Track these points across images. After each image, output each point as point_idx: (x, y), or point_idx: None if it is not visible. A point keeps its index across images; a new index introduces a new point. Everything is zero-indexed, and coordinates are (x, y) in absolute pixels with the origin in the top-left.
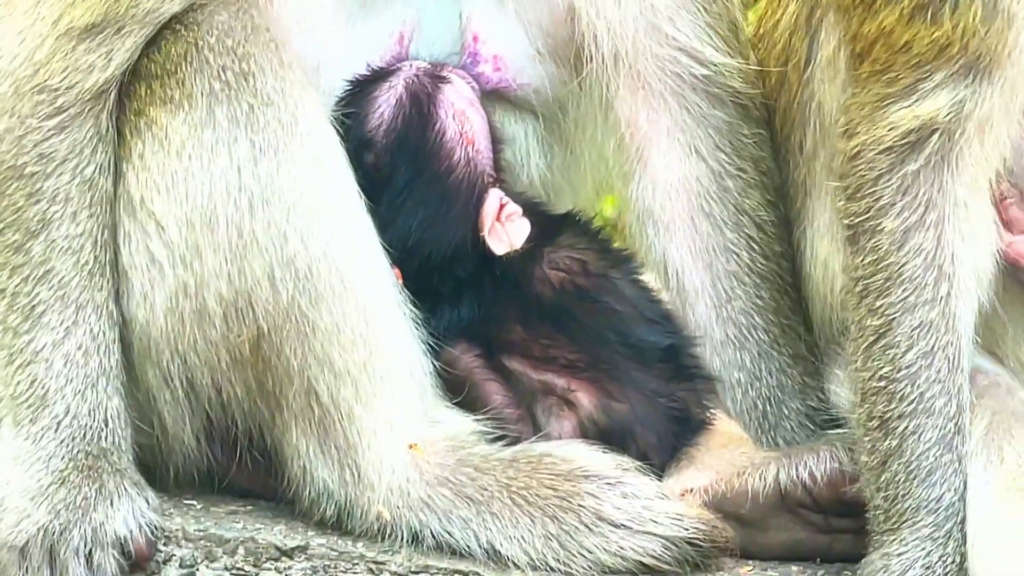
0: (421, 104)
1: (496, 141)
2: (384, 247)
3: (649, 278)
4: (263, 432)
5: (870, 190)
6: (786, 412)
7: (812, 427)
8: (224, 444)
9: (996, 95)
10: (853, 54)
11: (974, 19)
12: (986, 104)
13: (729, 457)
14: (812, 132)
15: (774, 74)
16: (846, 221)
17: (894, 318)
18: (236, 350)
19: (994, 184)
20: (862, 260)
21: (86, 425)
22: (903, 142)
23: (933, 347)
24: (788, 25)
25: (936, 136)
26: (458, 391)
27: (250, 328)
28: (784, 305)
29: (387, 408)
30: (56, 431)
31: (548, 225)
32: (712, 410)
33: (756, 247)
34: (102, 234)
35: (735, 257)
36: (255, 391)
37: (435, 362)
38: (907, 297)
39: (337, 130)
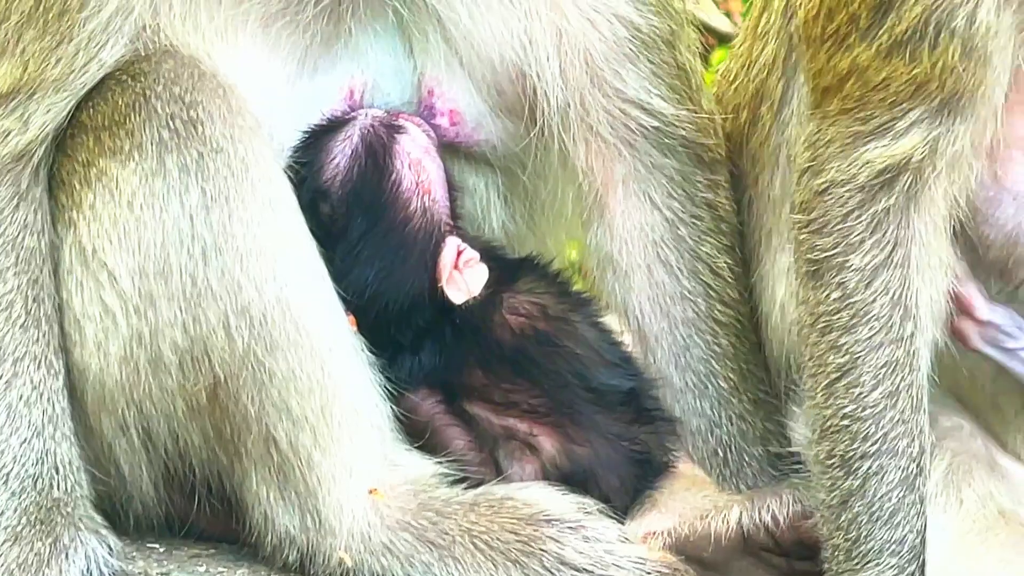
0: (377, 154)
1: (452, 188)
2: (340, 294)
3: (612, 321)
4: (222, 479)
5: (839, 227)
6: (747, 458)
7: (774, 472)
8: (183, 491)
9: (968, 133)
10: (819, 89)
11: (953, 56)
12: (958, 142)
13: (691, 500)
14: (782, 176)
15: (745, 114)
16: (810, 256)
17: (859, 356)
18: (193, 398)
19: (953, 222)
20: (826, 295)
21: (35, 474)
22: (876, 180)
23: (898, 386)
24: (765, 65)
25: (908, 174)
26: (420, 436)
27: (206, 376)
28: (743, 351)
29: (346, 453)
30: (5, 483)
31: (507, 270)
32: (674, 453)
33: (713, 294)
34: (32, 288)
35: (692, 305)
36: (213, 439)
37: (396, 408)
38: (873, 335)
39: (289, 176)
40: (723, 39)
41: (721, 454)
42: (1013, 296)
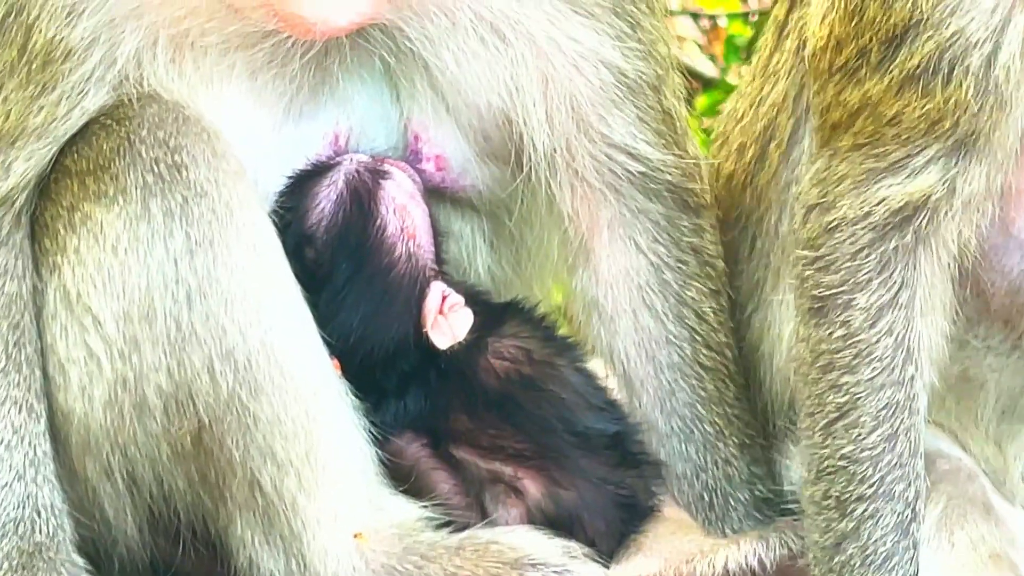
0: (362, 199)
1: (437, 233)
2: (325, 339)
3: (597, 365)
4: (207, 523)
5: (847, 264)
6: (733, 503)
7: (760, 516)
8: (168, 535)
9: (984, 174)
10: (828, 124)
11: (966, 94)
12: (975, 182)
13: (677, 544)
14: (790, 214)
15: (751, 151)
16: (815, 293)
17: (860, 397)
18: (177, 443)
19: (958, 266)
20: (829, 334)
21: (17, 518)
22: (891, 219)
23: (897, 430)
24: (775, 104)
25: (925, 213)
26: (405, 480)
27: (191, 420)
28: (729, 395)
29: (331, 497)
30: None
31: (492, 314)
32: (660, 497)
33: (699, 338)
34: (13, 333)
35: (677, 349)
36: (198, 483)
37: (381, 452)
38: (875, 376)
39: (273, 220)
40: (707, 83)
41: (707, 498)
42: (1017, 345)
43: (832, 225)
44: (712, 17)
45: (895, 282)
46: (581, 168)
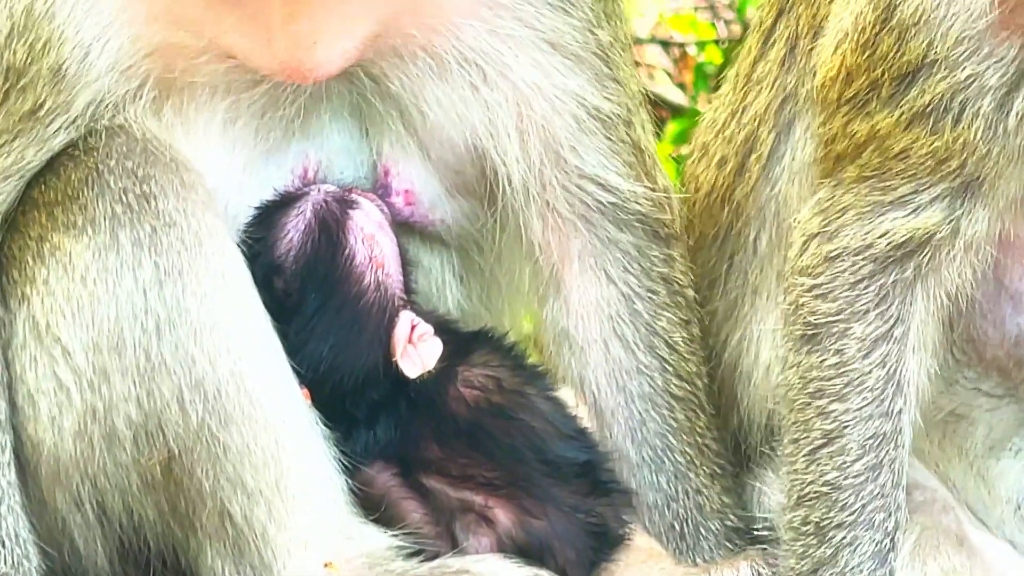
0: (330, 229)
1: (406, 263)
2: (295, 369)
3: (567, 394)
4: (177, 553)
5: (846, 294)
6: (704, 532)
7: (731, 545)
8: (138, 565)
9: (987, 219)
10: (833, 155)
11: (975, 136)
12: (977, 226)
13: (648, 573)
14: (770, 230)
15: (732, 163)
16: (811, 319)
17: (848, 425)
18: (147, 473)
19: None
20: (821, 361)
21: None
22: (893, 252)
23: (882, 460)
24: (757, 115)
25: (928, 249)
26: (375, 509)
27: (161, 451)
28: (700, 425)
29: (301, 527)
30: None
31: (461, 343)
32: (630, 525)
33: (670, 368)
34: None
35: (648, 379)
36: (168, 513)
37: (352, 481)
38: (864, 407)
39: (242, 250)
40: (676, 111)
41: (678, 528)
42: (1013, 393)
43: (833, 255)
44: (682, 45)
45: (892, 315)
46: (553, 199)
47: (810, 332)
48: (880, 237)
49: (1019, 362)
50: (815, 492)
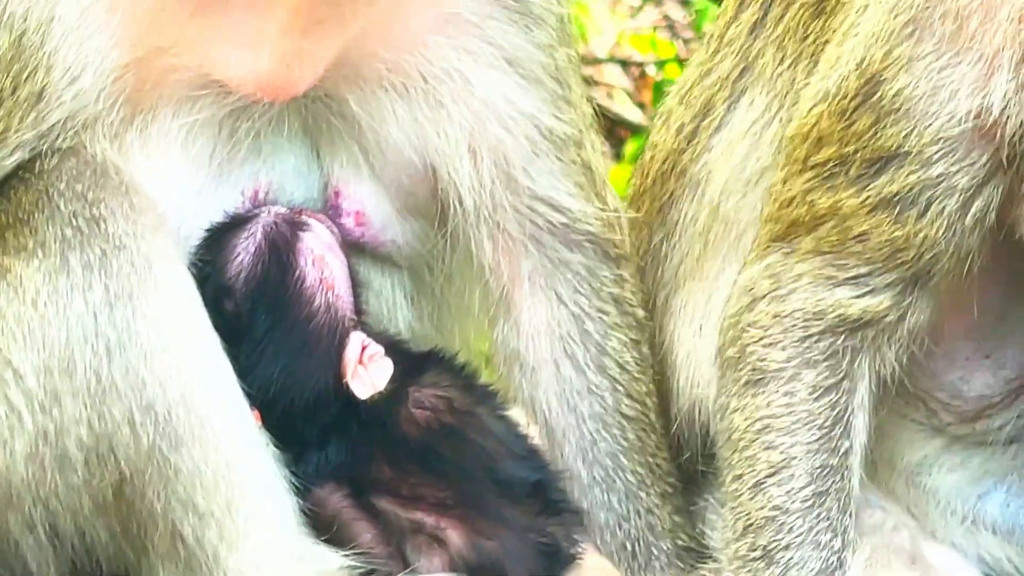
0: (280, 251)
1: (356, 284)
2: (245, 390)
3: (518, 414)
4: (130, 574)
5: (796, 346)
6: (655, 551)
7: (682, 564)
8: None
9: (928, 309)
10: (788, 219)
11: (937, 232)
12: (921, 315)
13: None
14: (700, 202)
15: (687, 128)
16: (760, 365)
17: (796, 458)
18: (99, 495)
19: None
20: (769, 402)
21: None
22: (843, 324)
23: (828, 488)
24: (719, 80)
25: (874, 328)
26: (327, 530)
27: (112, 473)
28: (650, 444)
29: (253, 548)
30: None
31: (412, 364)
32: (582, 545)
33: (620, 388)
34: None
35: (599, 399)
36: (120, 535)
37: (303, 503)
38: (812, 441)
39: (193, 272)
40: (636, 131)
41: (629, 547)
42: (940, 428)
43: (784, 315)
44: (641, 65)
45: (842, 371)
46: (504, 220)
47: (758, 377)
48: (831, 307)
49: (953, 410)
50: (763, 518)
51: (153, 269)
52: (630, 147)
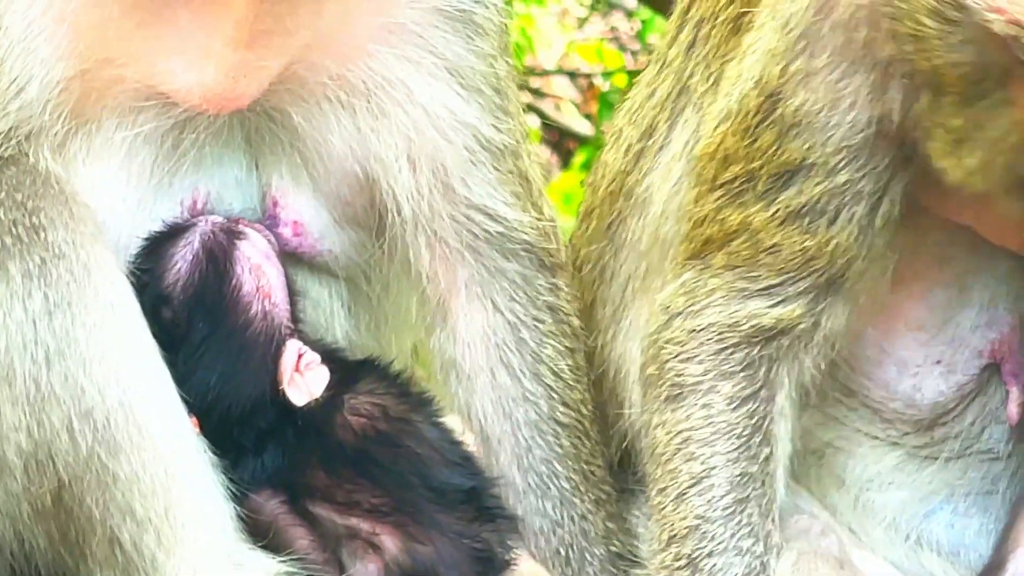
0: (217, 259)
1: (293, 292)
2: (183, 397)
3: (454, 421)
4: None
5: (712, 358)
6: (589, 557)
7: (615, 570)
8: None
9: (846, 313)
10: (701, 237)
11: (848, 238)
12: (838, 320)
13: None
14: (643, 222)
15: (634, 149)
16: (678, 380)
17: (715, 468)
18: (37, 501)
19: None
20: (688, 415)
21: None
22: (757, 334)
23: (749, 496)
24: (659, 103)
25: (788, 338)
26: (264, 536)
27: (51, 479)
28: (584, 451)
29: (190, 554)
30: None
31: (348, 371)
32: (516, 551)
33: (555, 396)
34: None
35: (534, 407)
36: (58, 541)
37: (240, 509)
38: (731, 451)
39: (131, 281)
40: (584, 141)
41: (563, 553)
42: (896, 441)
43: (699, 329)
44: (588, 76)
45: (759, 380)
46: (441, 230)
47: (676, 392)
48: (745, 318)
49: (907, 420)
50: (686, 528)
51: (92, 277)
52: (578, 158)
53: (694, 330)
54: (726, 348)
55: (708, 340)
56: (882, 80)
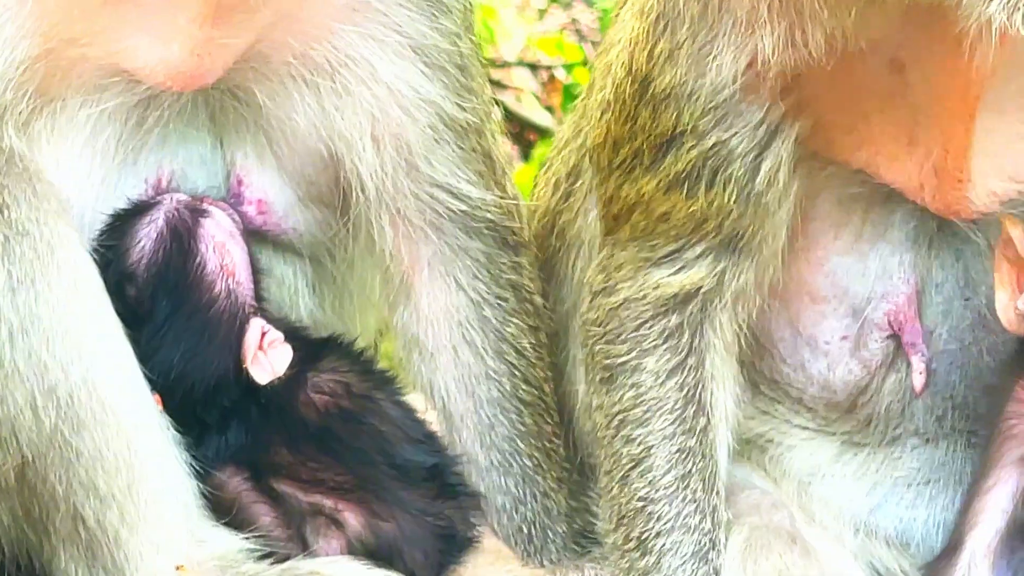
0: (181, 238)
1: (257, 271)
2: (147, 375)
3: (417, 399)
4: (31, 557)
5: (632, 335)
6: (551, 535)
7: (577, 547)
8: None
9: (752, 270)
10: (610, 216)
11: (728, 199)
12: (743, 277)
13: (495, 575)
14: (576, 263)
15: (562, 188)
16: (605, 362)
17: (653, 446)
18: (1, 478)
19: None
20: (620, 396)
21: None
22: (666, 303)
23: (690, 470)
24: (583, 146)
25: (697, 300)
26: (227, 513)
27: (14, 456)
28: (547, 429)
29: (153, 530)
30: None
31: (311, 349)
32: (478, 528)
33: (518, 373)
34: None
35: (497, 384)
36: (22, 518)
37: (203, 486)
38: (666, 427)
39: (95, 258)
40: (545, 134)
41: (526, 530)
42: (825, 428)
43: (615, 306)
44: (549, 68)
45: (682, 348)
46: (404, 207)
47: (606, 375)
48: (653, 290)
49: (828, 404)
50: (632, 509)
51: (56, 255)
52: (539, 150)
53: (613, 307)
54: (644, 322)
55: (627, 317)
56: (748, 31)
